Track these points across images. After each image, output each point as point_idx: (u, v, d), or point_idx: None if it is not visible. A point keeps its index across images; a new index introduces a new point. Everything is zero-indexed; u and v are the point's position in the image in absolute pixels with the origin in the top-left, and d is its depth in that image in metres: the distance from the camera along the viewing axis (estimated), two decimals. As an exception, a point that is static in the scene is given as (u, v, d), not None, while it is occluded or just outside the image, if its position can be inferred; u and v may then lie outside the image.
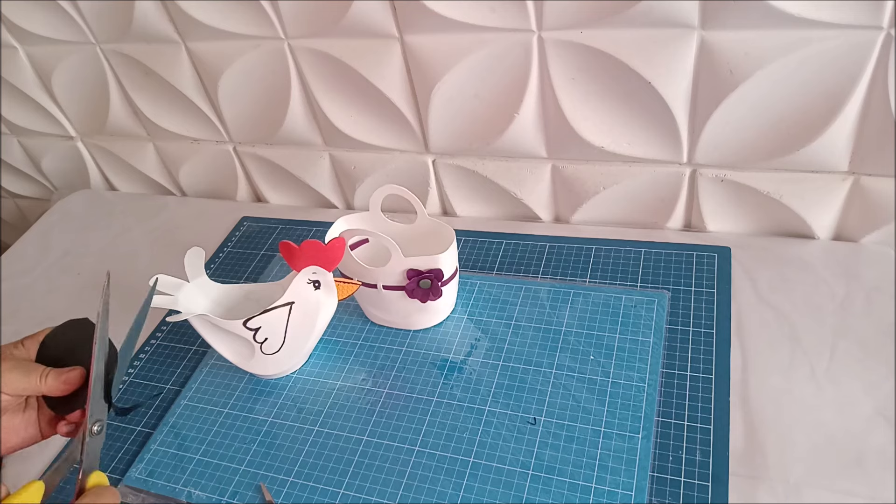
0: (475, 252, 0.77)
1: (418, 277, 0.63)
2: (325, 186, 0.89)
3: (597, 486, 0.53)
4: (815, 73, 0.58)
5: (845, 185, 0.66)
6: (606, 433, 0.56)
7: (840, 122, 0.60)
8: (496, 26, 0.64)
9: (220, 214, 0.93)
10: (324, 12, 0.69)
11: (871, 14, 0.54)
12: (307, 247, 0.60)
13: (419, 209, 0.67)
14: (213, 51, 0.78)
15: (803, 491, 0.50)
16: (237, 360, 0.65)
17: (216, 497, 0.58)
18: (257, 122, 0.85)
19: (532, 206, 0.80)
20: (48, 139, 1.02)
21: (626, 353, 0.62)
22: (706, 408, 0.57)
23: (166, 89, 0.85)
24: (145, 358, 0.73)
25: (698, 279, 0.68)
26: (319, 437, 0.61)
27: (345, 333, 0.70)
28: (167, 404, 0.67)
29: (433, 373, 0.64)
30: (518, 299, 0.70)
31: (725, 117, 0.63)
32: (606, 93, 0.66)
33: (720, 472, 0.52)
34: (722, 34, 0.59)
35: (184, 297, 0.63)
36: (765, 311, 0.64)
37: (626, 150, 0.70)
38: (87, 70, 0.88)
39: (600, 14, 0.60)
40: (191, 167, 0.96)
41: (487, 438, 0.58)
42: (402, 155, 0.81)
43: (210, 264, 0.83)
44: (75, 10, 0.81)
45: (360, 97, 0.76)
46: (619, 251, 0.73)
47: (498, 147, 0.75)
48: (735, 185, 0.69)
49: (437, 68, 0.69)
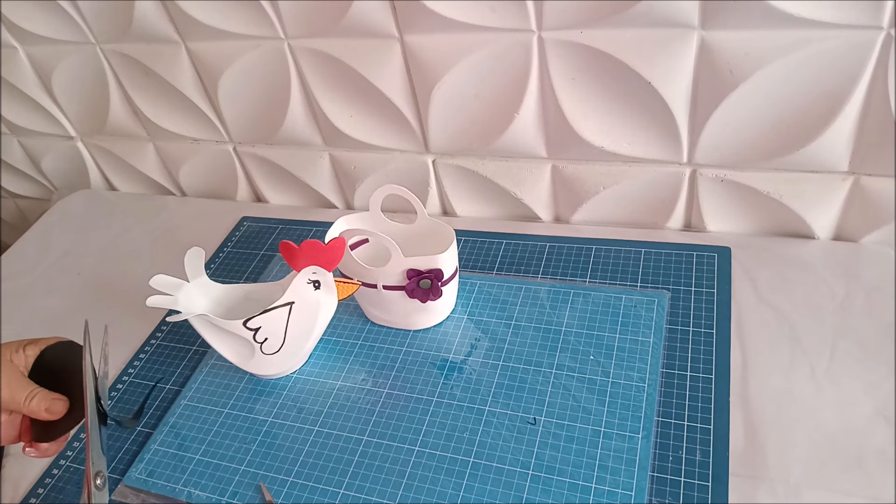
0: (475, 252, 0.77)
1: (418, 277, 0.63)
2: (325, 186, 0.89)
3: (597, 486, 0.53)
4: (815, 73, 0.58)
5: (845, 185, 0.66)
6: (606, 433, 0.56)
7: (840, 122, 0.60)
8: (496, 26, 0.64)
9: (220, 214, 0.93)
10: (324, 12, 0.70)
11: (871, 14, 0.54)
12: (307, 247, 0.60)
13: (419, 209, 0.67)
14: (213, 51, 0.78)
15: (803, 491, 0.50)
16: (237, 360, 0.65)
17: (216, 497, 0.58)
18: (257, 122, 0.85)
19: (532, 206, 0.80)
20: (48, 139, 1.02)
21: (626, 353, 0.62)
22: (706, 408, 0.57)
23: (166, 89, 0.85)
24: (145, 358, 0.73)
25: (698, 279, 0.68)
26: (319, 437, 0.61)
27: (345, 333, 0.70)
28: (167, 404, 0.67)
29: (433, 373, 0.64)
30: (518, 299, 0.70)
31: (725, 117, 0.63)
32: (606, 93, 0.66)
33: (720, 472, 0.52)
34: (722, 34, 0.59)
35: (184, 297, 0.63)
36: (765, 311, 0.64)
37: (626, 150, 0.70)
38: (87, 70, 0.88)
39: (600, 14, 0.60)
40: (191, 167, 0.96)
41: (487, 438, 0.58)
42: (402, 155, 0.81)
43: (210, 264, 0.83)
44: (75, 10, 0.81)
45: (360, 97, 0.76)
46: (619, 251, 0.73)
47: (498, 147, 0.75)
48: (735, 185, 0.69)
49: (437, 68, 0.69)
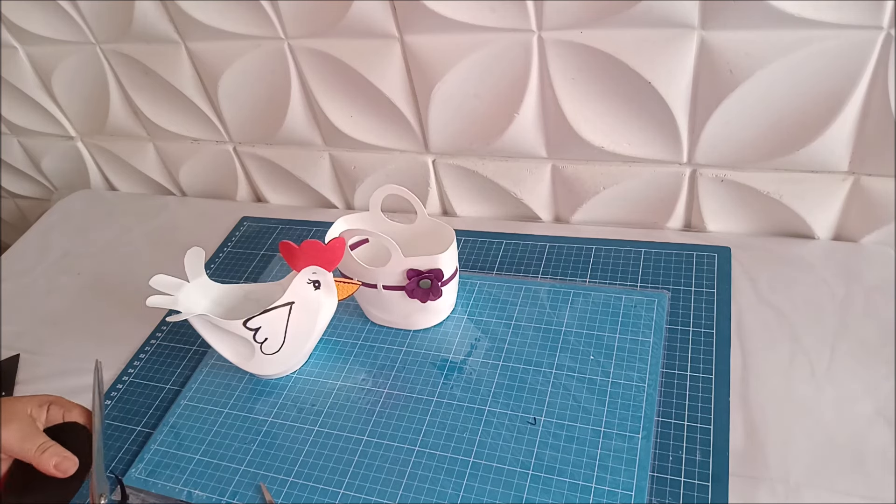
0: (475, 252, 0.77)
1: (418, 277, 0.63)
2: (325, 186, 0.89)
3: (597, 486, 0.53)
4: (815, 73, 0.58)
5: (845, 185, 0.66)
6: (606, 433, 0.56)
7: (840, 122, 0.60)
8: (496, 26, 0.64)
9: (220, 214, 0.93)
10: (324, 12, 0.70)
11: (871, 14, 0.54)
12: (307, 247, 0.60)
13: (419, 209, 0.67)
14: (213, 51, 0.78)
15: (803, 491, 0.50)
16: (237, 360, 0.65)
17: (216, 497, 0.58)
18: (257, 122, 0.85)
19: (532, 206, 0.80)
20: (48, 139, 1.02)
21: (626, 353, 0.62)
22: (706, 408, 0.57)
23: (166, 89, 0.85)
24: (145, 358, 0.73)
25: (698, 279, 0.68)
26: (319, 437, 0.61)
27: (345, 333, 0.70)
28: (167, 404, 0.67)
29: (433, 373, 0.64)
30: (518, 299, 0.70)
31: (725, 117, 0.63)
32: (606, 93, 0.66)
33: (720, 472, 0.52)
34: (722, 34, 0.59)
35: (184, 297, 0.63)
36: (765, 311, 0.64)
37: (626, 150, 0.70)
38: (87, 70, 0.88)
39: (600, 14, 0.60)
40: (191, 167, 0.96)
41: (487, 438, 0.58)
42: (402, 155, 0.81)
43: (210, 264, 0.83)
44: (75, 10, 0.81)
45: (360, 97, 0.76)
46: (619, 251, 0.73)
47: (498, 147, 0.75)
48: (735, 185, 0.69)
49: (437, 68, 0.69)
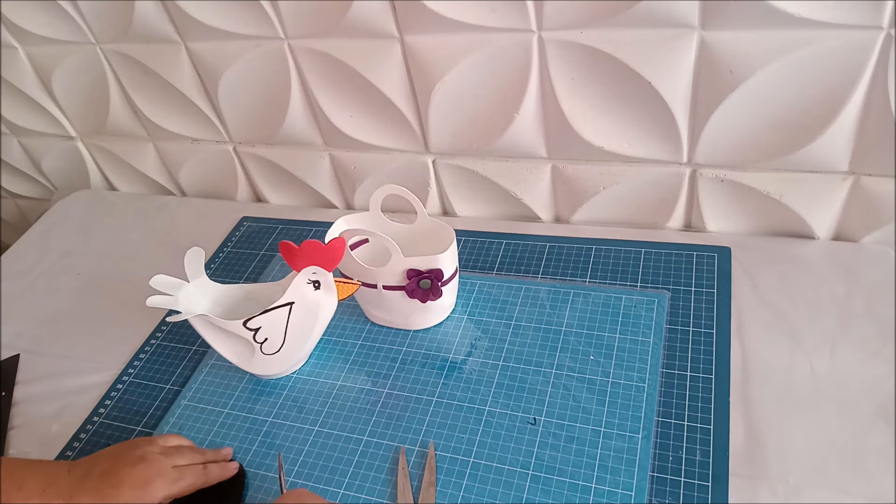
0: (475, 252, 0.77)
1: (418, 277, 0.63)
2: (325, 186, 0.89)
3: (597, 486, 0.53)
4: (815, 73, 0.58)
5: (845, 185, 0.66)
6: (606, 433, 0.56)
7: (840, 122, 0.60)
8: (496, 26, 0.64)
9: (220, 214, 0.93)
10: (324, 12, 0.69)
11: (871, 14, 0.54)
12: (307, 247, 0.60)
13: (419, 209, 0.67)
14: (213, 51, 0.78)
15: (803, 491, 0.50)
16: (237, 360, 0.65)
17: (216, 497, 0.58)
18: (257, 122, 0.85)
19: (532, 206, 0.80)
20: (48, 139, 1.02)
21: (626, 353, 0.62)
22: (706, 408, 0.56)
23: (166, 89, 0.85)
24: (145, 358, 0.73)
25: (698, 279, 0.68)
26: (319, 437, 0.61)
27: (345, 333, 0.70)
28: (167, 404, 0.67)
29: (433, 373, 0.64)
30: (518, 299, 0.69)
31: (725, 117, 0.63)
32: (606, 93, 0.66)
33: (720, 472, 0.52)
34: (722, 34, 0.59)
35: (184, 297, 0.63)
36: (765, 310, 0.64)
37: (626, 150, 0.70)
38: (87, 70, 0.88)
39: (600, 14, 0.60)
40: (191, 167, 0.96)
41: (487, 438, 0.58)
42: (402, 155, 0.81)
43: (210, 264, 0.83)
44: (75, 10, 0.81)
45: (360, 97, 0.76)
46: (619, 251, 0.73)
47: (498, 147, 0.75)
48: (735, 185, 0.69)
49: (437, 68, 0.69)
